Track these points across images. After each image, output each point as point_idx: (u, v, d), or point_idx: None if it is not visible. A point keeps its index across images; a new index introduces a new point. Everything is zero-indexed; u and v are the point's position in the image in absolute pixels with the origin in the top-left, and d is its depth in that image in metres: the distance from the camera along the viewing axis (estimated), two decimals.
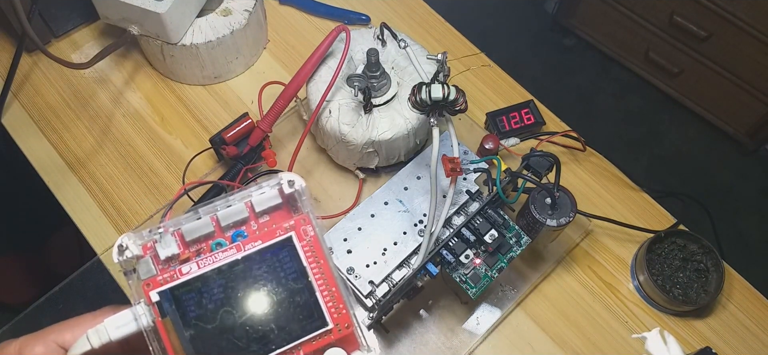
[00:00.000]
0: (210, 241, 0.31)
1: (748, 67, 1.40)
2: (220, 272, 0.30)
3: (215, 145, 0.65)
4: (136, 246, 0.30)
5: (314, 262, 0.31)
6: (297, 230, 0.32)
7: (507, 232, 0.56)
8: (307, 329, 0.30)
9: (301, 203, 0.33)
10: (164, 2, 0.65)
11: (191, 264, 0.30)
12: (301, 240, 0.32)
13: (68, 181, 0.68)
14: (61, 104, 0.73)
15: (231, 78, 0.76)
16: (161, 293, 0.30)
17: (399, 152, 0.65)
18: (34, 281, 1.13)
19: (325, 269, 0.31)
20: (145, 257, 0.30)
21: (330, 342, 0.31)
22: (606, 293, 0.64)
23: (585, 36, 1.67)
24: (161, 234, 0.31)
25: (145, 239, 0.31)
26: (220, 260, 0.31)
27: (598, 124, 1.64)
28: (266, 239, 0.31)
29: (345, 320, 0.31)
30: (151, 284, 0.30)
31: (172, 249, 0.31)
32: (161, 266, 0.31)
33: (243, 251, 0.31)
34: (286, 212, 0.33)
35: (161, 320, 0.29)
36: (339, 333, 0.31)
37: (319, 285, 0.31)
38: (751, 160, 1.59)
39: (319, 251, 0.32)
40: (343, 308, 0.31)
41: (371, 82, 0.61)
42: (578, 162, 0.72)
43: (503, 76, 0.78)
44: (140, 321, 0.29)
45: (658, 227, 0.67)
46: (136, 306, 0.30)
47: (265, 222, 0.32)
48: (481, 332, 0.60)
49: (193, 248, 0.31)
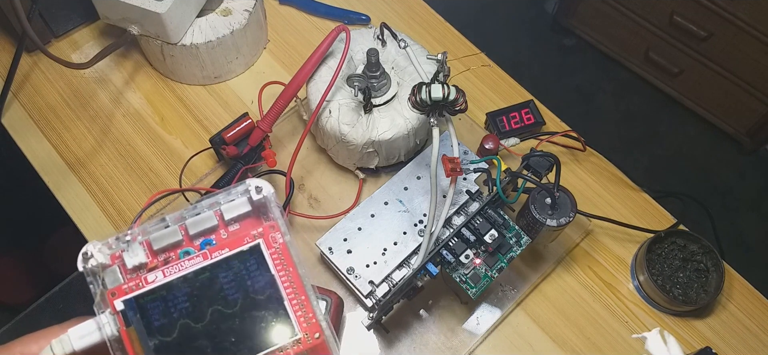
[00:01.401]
0: (178, 249, 0.31)
1: (748, 67, 1.40)
2: (185, 280, 0.30)
3: (215, 145, 0.65)
4: (102, 254, 0.30)
5: (283, 270, 0.31)
6: (265, 237, 0.31)
7: (507, 232, 0.56)
8: (276, 338, 0.30)
9: (270, 210, 0.32)
10: (164, 2, 0.65)
11: (157, 272, 0.30)
12: (269, 247, 0.31)
13: (68, 181, 0.68)
14: (61, 104, 0.73)
15: (231, 78, 0.76)
16: (126, 301, 0.29)
17: (399, 152, 0.65)
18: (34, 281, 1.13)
19: (295, 277, 0.31)
20: (113, 266, 0.30)
21: (299, 352, 0.30)
22: (606, 293, 0.64)
23: (585, 36, 1.66)
24: (129, 242, 0.31)
25: (113, 249, 0.31)
26: (186, 268, 0.30)
27: (598, 124, 1.64)
28: (233, 246, 0.31)
29: (315, 330, 0.30)
30: (117, 292, 0.30)
31: (139, 258, 0.30)
32: (129, 275, 0.30)
33: (210, 258, 0.31)
34: (255, 220, 0.32)
35: (126, 329, 0.29)
36: (309, 343, 0.30)
37: (287, 293, 0.31)
38: (751, 160, 1.59)
39: (289, 258, 0.31)
40: (312, 317, 0.31)
41: (371, 82, 0.61)
42: (578, 162, 0.72)
43: (503, 76, 0.78)
44: (104, 331, 0.29)
45: (658, 227, 0.67)
46: (101, 315, 0.29)
47: (234, 230, 0.32)
48: (481, 332, 0.60)
49: (161, 256, 0.31)
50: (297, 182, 0.68)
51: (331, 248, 0.58)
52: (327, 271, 0.62)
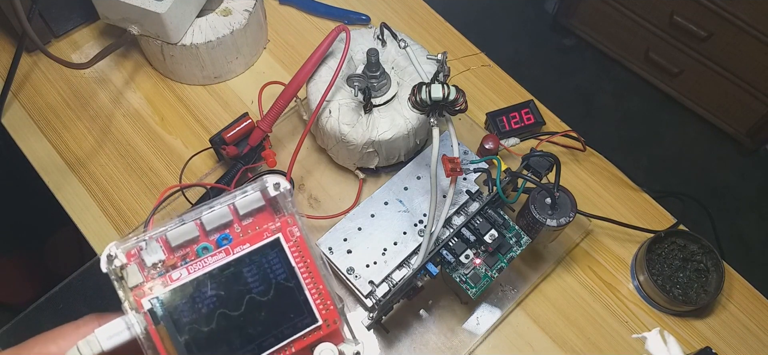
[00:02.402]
0: (195, 245, 0.32)
1: (748, 67, 1.40)
2: (211, 276, 0.31)
3: (215, 145, 0.65)
4: (123, 254, 0.31)
5: (301, 261, 0.32)
6: (284, 231, 0.33)
7: (507, 232, 0.56)
8: (298, 327, 0.31)
9: (285, 205, 0.33)
10: (164, 2, 0.65)
11: (181, 270, 0.31)
12: (288, 241, 0.32)
13: (68, 181, 0.68)
14: (61, 104, 0.73)
15: (231, 78, 0.76)
16: (153, 300, 0.30)
17: (399, 152, 0.65)
18: (34, 281, 1.13)
19: (312, 268, 0.32)
20: (131, 264, 0.31)
21: (319, 338, 0.32)
22: (606, 293, 0.64)
23: (585, 36, 1.66)
24: (147, 241, 0.31)
25: (129, 246, 0.31)
26: (210, 264, 0.31)
27: (598, 124, 1.64)
28: (254, 241, 0.32)
29: (333, 316, 0.32)
30: (142, 291, 0.30)
31: (158, 255, 0.31)
32: (147, 273, 0.31)
33: (232, 254, 0.32)
34: (268, 214, 0.33)
35: (154, 327, 0.29)
36: (328, 329, 0.32)
37: (307, 284, 0.32)
38: (751, 160, 1.59)
39: (306, 250, 0.33)
40: (330, 304, 0.32)
41: (371, 82, 0.61)
42: (578, 162, 0.72)
43: (503, 76, 0.78)
44: (134, 330, 0.29)
45: (658, 227, 0.67)
46: (129, 314, 0.30)
47: (248, 224, 0.33)
48: (481, 332, 0.60)
49: (178, 253, 0.32)
50: (297, 182, 0.68)
51: (331, 248, 0.58)
52: None
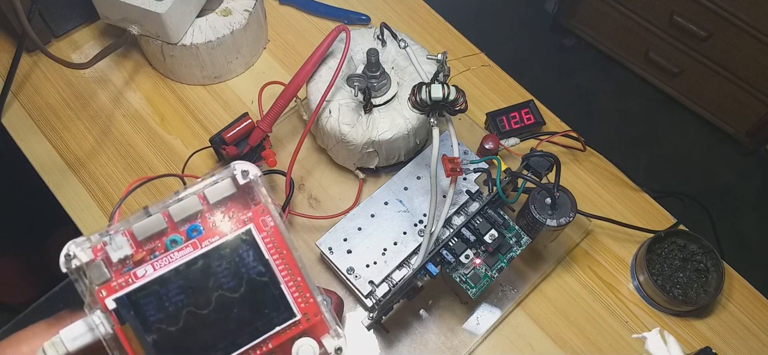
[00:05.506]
0: (164, 238, 0.30)
1: (748, 67, 1.40)
2: (177, 272, 0.29)
3: (215, 145, 0.65)
4: (84, 252, 0.29)
5: (276, 253, 0.30)
6: (256, 221, 0.31)
7: (507, 232, 0.56)
8: (275, 322, 0.30)
9: (258, 193, 0.31)
10: (164, 2, 0.65)
11: (146, 266, 0.29)
12: (261, 231, 0.31)
13: (68, 181, 0.68)
14: (61, 104, 0.73)
15: (231, 78, 0.76)
16: (118, 299, 0.28)
17: (399, 152, 0.65)
18: (34, 281, 1.13)
19: (289, 259, 0.31)
20: (97, 261, 0.29)
21: (300, 332, 0.30)
22: (606, 293, 0.64)
23: (585, 36, 1.66)
24: (111, 236, 0.29)
25: (93, 242, 0.29)
26: (176, 259, 0.30)
27: (598, 124, 1.64)
28: (223, 233, 0.30)
29: (313, 309, 0.30)
30: (106, 290, 0.29)
31: (124, 250, 0.29)
32: (115, 269, 0.29)
33: (200, 248, 0.30)
34: (242, 203, 0.31)
35: (120, 327, 0.28)
36: (307, 323, 0.30)
37: (283, 276, 0.30)
38: (751, 160, 1.59)
39: (281, 241, 0.31)
40: (309, 297, 0.30)
41: (371, 82, 0.61)
42: (578, 162, 0.72)
43: (503, 76, 0.78)
44: (98, 331, 0.28)
45: (658, 227, 0.67)
46: (92, 315, 0.28)
47: (221, 216, 0.31)
48: (481, 332, 0.60)
49: (146, 246, 0.30)
50: (297, 182, 0.68)
51: (331, 248, 0.58)
52: (327, 271, 0.62)
